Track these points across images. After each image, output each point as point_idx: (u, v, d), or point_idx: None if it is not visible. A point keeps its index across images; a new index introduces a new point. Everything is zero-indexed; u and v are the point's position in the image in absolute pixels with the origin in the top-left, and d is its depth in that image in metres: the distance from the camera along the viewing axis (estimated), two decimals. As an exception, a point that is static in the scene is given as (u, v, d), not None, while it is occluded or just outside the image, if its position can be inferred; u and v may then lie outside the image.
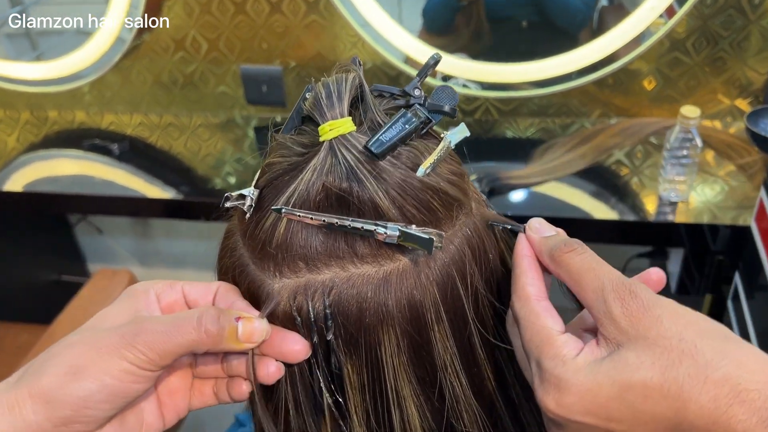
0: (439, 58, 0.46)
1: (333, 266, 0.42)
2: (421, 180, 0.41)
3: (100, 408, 0.38)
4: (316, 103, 0.42)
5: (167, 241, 2.09)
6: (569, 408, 0.37)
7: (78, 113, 1.82)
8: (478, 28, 1.64)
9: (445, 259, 0.43)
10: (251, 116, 1.73)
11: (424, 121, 0.43)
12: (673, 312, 0.36)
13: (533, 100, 1.55)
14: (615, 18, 1.54)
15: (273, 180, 0.43)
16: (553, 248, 0.41)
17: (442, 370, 0.44)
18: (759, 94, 1.42)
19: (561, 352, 0.38)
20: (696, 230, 1.26)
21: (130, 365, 0.38)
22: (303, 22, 1.54)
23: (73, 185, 1.60)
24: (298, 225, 0.42)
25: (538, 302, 0.40)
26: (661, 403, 0.34)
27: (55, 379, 0.37)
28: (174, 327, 0.39)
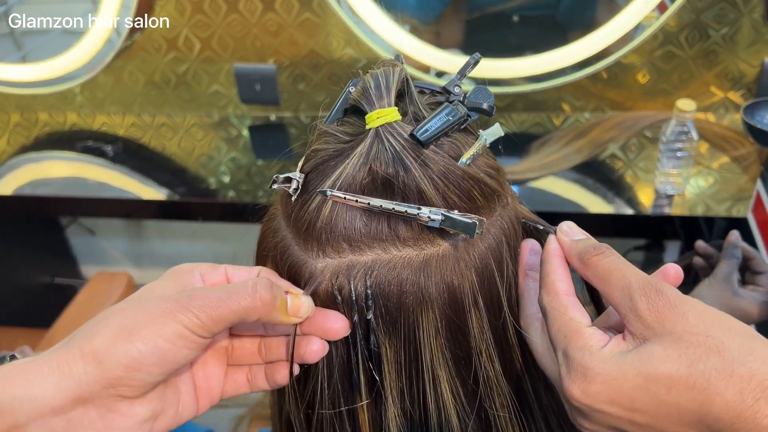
0: (479, 58, 0.48)
1: (375, 248, 0.43)
2: (463, 169, 0.43)
3: (149, 371, 0.38)
4: (364, 93, 0.44)
5: (161, 242, 2.08)
6: (594, 397, 0.37)
7: (69, 115, 1.81)
8: (470, 23, 1.64)
9: (483, 247, 0.45)
10: (245, 115, 1.72)
11: (465, 115, 0.45)
12: (699, 310, 0.37)
13: (528, 95, 1.55)
14: (608, 12, 1.54)
15: (319, 165, 0.45)
16: (582, 251, 0.42)
17: (477, 354, 0.45)
18: (751, 87, 1.43)
19: (588, 342, 0.39)
20: (692, 222, 1.27)
21: (184, 329, 0.38)
22: (296, 20, 1.54)
23: (65, 187, 1.58)
24: (343, 207, 0.43)
25: (567, 297, 0.42)
26: (686, 396, 0.35)
27: (107, 339, 0.37)
28: (228, 293, 0.40)
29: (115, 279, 1.55)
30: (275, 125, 1.69)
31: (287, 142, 1.65)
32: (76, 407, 0.37)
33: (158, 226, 2.04)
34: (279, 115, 1.71)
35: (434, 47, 1.54)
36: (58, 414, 0.37)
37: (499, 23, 1.62)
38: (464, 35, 1.66)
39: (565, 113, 1.56)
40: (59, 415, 0.37)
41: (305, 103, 1.67)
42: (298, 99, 1.67)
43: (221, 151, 1.61)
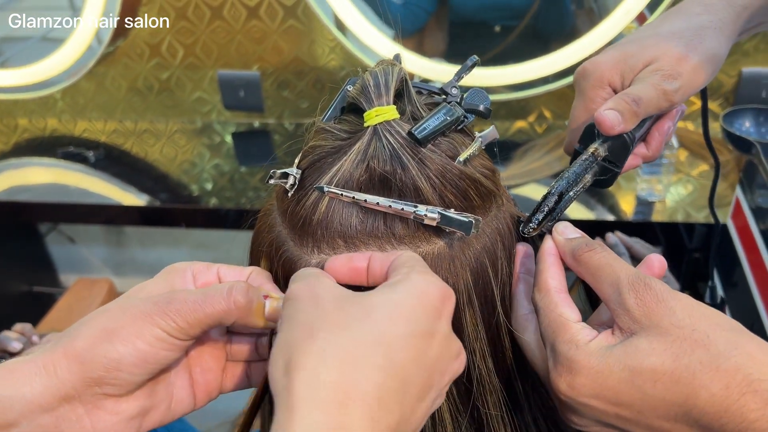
0: (477, 60, 0.49)
1: (371, 245, 0.43)
2: (459, 168, 0.44)
3: (130, 372, 0.39)
4: (363, 91, 0.44)
5: (142, 249, 2.06)
6: (580, 390, 0.38)
7: (50, 120, 1.79)
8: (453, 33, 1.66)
9: (479, 246, 0.45)
10: (228, 122, 1.72)
11: (462, 115, 0.45)
12: (686, 304, 0.37)
13: (510, 103, 1.56)
14: (588, 23, 1.56)
15: (316, 161, 0.45)
16: (575, 248, 0.43)
17: (471, 353, 0.45)
18: (729, 96, 1.46)
19: (575, 337, 0.39)
20: (673, 229, 1.28)
21: (162, 332, 0.39)
22: (281, 27, 1.54)
23: (45, 194, 1.56)
24: (340, 204, 0.43)
25: (558, 294, 0.42)
26: (672, 389, 0.35)
27: (88, 341, 0.38)
28: (205, 297, 0.40)
29: (96, 285, 1.53)
30: (259, 132, 1.69)
31: (271, 148, 1.64)
32: (63, 405, 0.38)
33: (139, 233, 2.02)
34: (263, 121, 1.70)
35: (418, 55, 1.55)
36: (46, 411, 0.37)
37: (481, 33, 1.64)
38: (447, 44, 1.68)
39: (548, 121, 1.58)
40: (47, 412, 0.38)
41: (289, 110, 1.67)
42: (282, 106, 1.66)
43: (204, 158, 1.60)
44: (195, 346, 0.45)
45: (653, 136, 0.55)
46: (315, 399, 0.32)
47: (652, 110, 0.51)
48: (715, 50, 0.53)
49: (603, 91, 0.53)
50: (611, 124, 0.49)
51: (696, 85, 0.53)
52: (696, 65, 0.52)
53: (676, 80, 0.51)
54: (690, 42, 0.52)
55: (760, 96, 1.42)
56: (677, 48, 0.52)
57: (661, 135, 0.55)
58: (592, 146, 0.50)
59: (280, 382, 0.33)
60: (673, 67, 0.51)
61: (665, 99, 0.51)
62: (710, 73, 0.53)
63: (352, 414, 0.32)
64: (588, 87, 0.54)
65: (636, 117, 0.50)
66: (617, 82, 0.53)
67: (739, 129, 1.32)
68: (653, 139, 0.55)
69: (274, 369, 0.34)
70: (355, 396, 0.32)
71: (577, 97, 0.55)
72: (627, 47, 0.54)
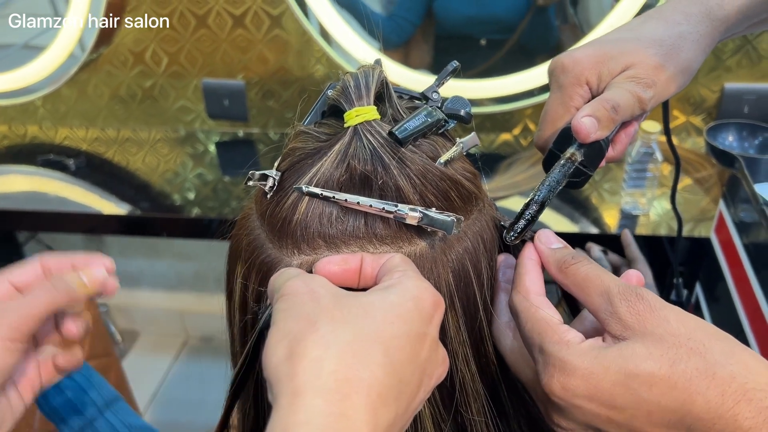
0: (457, 65, 0.49)
1: (352, 245, 0.43)
2: (440, 169, 0.44)
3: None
4: (343, 92, 0.44)
5: (122, 259, 2.03)
6: (573, 391, 0.37)
7: (30, 128, 1.77)
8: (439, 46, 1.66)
9: (461, 248, 0.45)
10: (212, 131, 1.70)
11: (442, 118, 0.45)
12: (680, 315, 0.37)
13: (496, 116, 1.57)
14: (572, 37, 1.58)
15: (295, 163, 0.45)
16: (560, 259, 0.43)
17: (453, 356, 0.44)
18: (712, 111, 1.47)
19: (565, 337, 0.39)
20: (656, 242, 1.28)
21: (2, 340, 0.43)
22: (266, 36, 1.53)
23: (24, 202, 1.54)
24: (320, 204, 0.43)
25: (538, 296, 0.42)
26: (668, 395, 0.35)
27: None
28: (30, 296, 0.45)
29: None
30: (243, 141, 1.68)
31: (255, 158, 1.63)
32: None
33: (120, 242, 2.00)
34: (247, 131, 1.69)
35: (404, 67, 1.55)
36: None
37: (467, 46, 1.64)
38: (433, 57, 1.68)
39: (533, 134, 1.58)
40: None
41: (274, 120, 1.66)
42: (267, 115, 1.66)
43: (187, 167, 1.59)
44: None
45: (620, 137, 0.55)
46: (319, 387, 0.32)
47: (627, 117, 0.52)
48: (689, 62, 0.54)
49: (581, 89, 0.53)
50: (587, 131, 0.49)
51: (667, 94, 0.54)
52: (670, 76, 0.53)
53: (650, 89, 0.52)
54: (668, 52, 0.53)
55: (743, 111, 1.44)
56: (656, 57, 0.53)
57: (627, 137, 0.55)
58: (569, 151, 0.50)
59: (281, 369, 0.34)
60: (649, 76, 0.52)
61: (640, 106, 0.52)
62: (681, 84, 0.55)
63: (354, 405, 0.32)
64: (567, 83, 0.54)
65: (613, 124, 0.50)
66: (594, 81, 0.53)
67: (723, 143, 1.33)
68: (620, 141, 0.55)
69: (272, 357, 0.34)
70: (359, 388, 0.33)
71: (553, 91, 0.55)
72: (607, 48, 0.54)
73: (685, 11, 0.56)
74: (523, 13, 1.58)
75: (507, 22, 1.59)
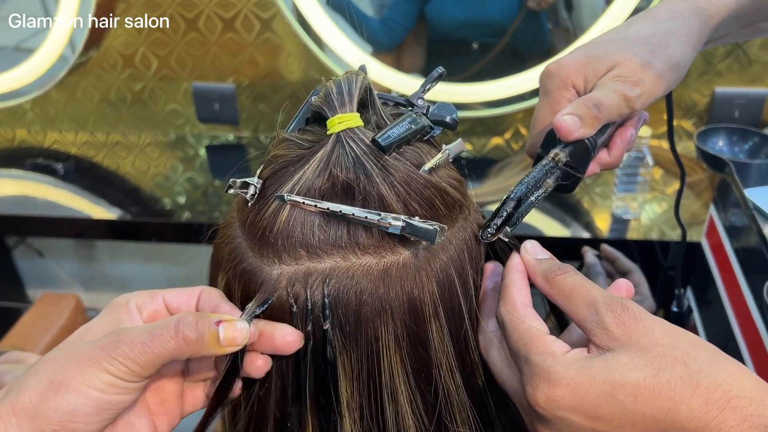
0: (443, 71, 0.49)
1: (334, 255, 0.42)
2: (425, 177, 0.43)
3: (87, 421, 0.37)
4: (326, 98, 0.44)
5: (112, 264, 2.02)
6: (559, 402, 0.37)
7: (19, 131, 1.75)
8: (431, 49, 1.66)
9: (445, 257, 0.44)
10: (202, 134, 1.69)
11: (427, 125, 0.45)
12: (664, 325, 0.37)
13: (487, 120, 1.56)
14: (564, 41, 1.57)
15: (277, 171, 0.44)
16: (547, 270, 0.42)
17: (438, 367, 0.44)
18: (702, 115, 1.48)
19: (550, 348, 0.38)
20: (647, 246, 1.28)
21: (113, 377, 0.37)
22: (257, 39, 1.53)
23: (12, 206, 1.53)
24: (301, 212, 0.42)
25: (525, 308, 0.41)
26: (652, 404, 0.35)
27: (36, 395, 0.37)
28: (152, 337, 0.38)
29: (63, 300, 1.49)
30: (233, 145, 1.67)
31: (246, 162, 1.63)
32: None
33: (110, 247, 1.98)
34: (237, 134, 1.68)
35: (396, 70, 1.55)
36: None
37: (459, 50, 1.64)
38: (425, 61, 1.68)
39: (524, 138, 1.58)
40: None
41: (265, 124, 1.65)
42: (258, 119, 1.65)
43: (177, 171, 1.58)
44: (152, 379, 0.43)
45: (615, 143, 0.54)
46: None
47: (613, 116, 0.51)
48: (678, 58, 0.53)
49: (567, 93, 0.53)
50: (569, 129, 0.48)
51: (657, 92, 0.52)
52: (659, 73, 0.52)
53: (637, 87, 0.51)
54: (655, 49, 0.52)
55: (733, 115, 1.44)
56: (641, 54, 0.52)
57: (623, 142, 0.55)
58: (553, 151, 0.50)
59: None
60: (635, 74, 0.51)
61: (627, 105, 0.51)
62: (673, 81, 0.54)
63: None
64: (552, 88, 0.53)
65: (597, 122, 0.50)
66: (580, 84, 0.53)
67: (713, 148, 1.33)
68: (615, 146, 0.54)
69: None
70: None
71: (541, 98, 0.55)
72: (592, 50, 0.54)
73: (671, 8, 0.56)
74: (515, 16, 1.58)
75: (499, 25, 1.59)
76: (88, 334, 0.41)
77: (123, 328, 0.40)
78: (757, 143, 1.33)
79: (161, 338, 0.38)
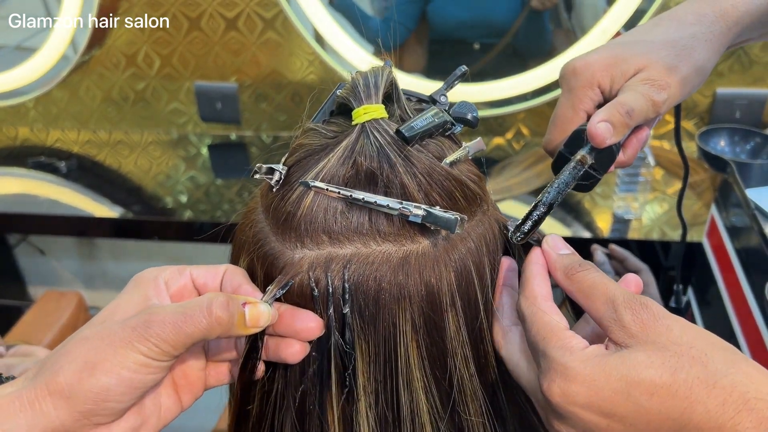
0: (466, 70, 0.50)
1: (355, 241, 0.43)
2: (446, 169, 0.44)
3: (119, 400, 0.38)
4: (353, 90, 0.45)
5: (114, 262, 2.02)
6: (573, 398, 0.37)
7: (21, 130, 1.76)
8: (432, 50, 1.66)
9: (463, 249, 0.45)
10: (205, 134, 1.70)
11: (449, 120, 0.46)
12: (683, 324, 0.37)
13: (488, 119, 1.57)
14: (565, 42, 1.58)
15: (302, 158, 0.45)
16: (568, 266, 0.43)
17: (453, 356, 0.44)
18: (704, 116, 1.48)
19: (569, 343, 0.39)
20: (648, 247, 1.28)
21: (145, 358, 0.38)
22: (259, 39, 1.53)
23: (14, 204, 1.53)
24: (325, 199, 0.43)
25: (546, 301, 0.42)
26: (668, 403, 0.35)
27: (72, 375, 0.38)
28: (184, 317, 0.39)
29: (64, 298, 1.49)
30: (235, 144, 1.67)
31: (247, 161, 1.63)
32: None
33: (111, 245, 1.99)
34: (239, 134, 1.69)
35: (398, 70, 1.55)
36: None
37: (460, 50, 1.64)
38: (426, 61, 1.68)
39: (525, 138, 1.58)
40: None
41: (267, 123, 1.66)
42: (260, 118, 1.65)
43: (179, 170, 1.58)
44: None
45: (631, 142, 0.54)
46: None
47: (641, 120, 0.51)
48: (702, 62, 0.53)
49: (591, 92, 0.53)
50: (603, 137, 0.49)
51: (681, 96, 0.53)
52: (684, 77, 0.52)
53: (664, 91, 0.51)
54: (681, 52, 0.52)
55: (734, 116, 1.44)
56: (668, 58, 0.52)
57: (639, 142, 0.55)
58: (580, 153, 0.50)
59: None
60: (663, 78, 0.51)
61: (654, 110, 0.51)
62: (696, 85, 0.54)
63: None
64: (577, 86, 0.53)
65: (627, 128, 0.50)
66: (606, 84, 0.53)
67: (715, 148, 1.33)
68: (631, 146, 0.54)
69: None
70: None
71: (563, 94, 0.55)
72: (618, 50, 0.53)
73: (698, 12, 0.56)
74: (517, 17, 1.58)
75: (501, 26, 1.59)
76: (116, 312, 0.41)
77: (153, 307, 0.41)
78: (759, 144, 1.33)
79: (193, 318, 0.39)
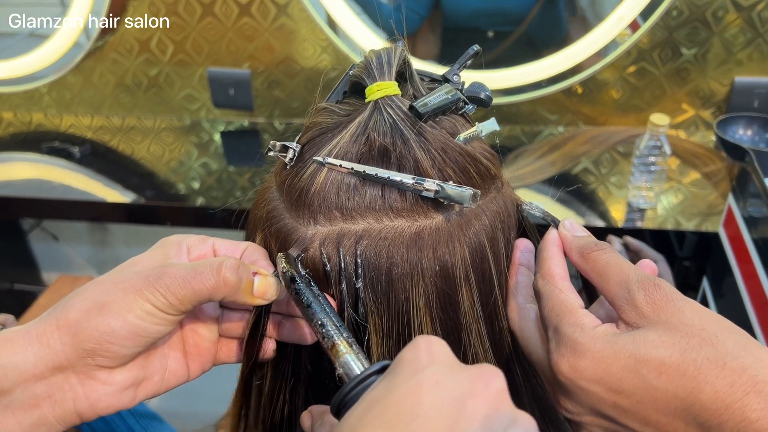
0: (478, 49, 0.50)
1: (368, 217, 0.43)
2: (460, 145, 0.44)
3: (122, 344, 0.39)
4: (366, 68, 0.45)
5: (126, 248, 2.03)
6: (582, 373, 0.38)
7: (35, 115, 1.76)
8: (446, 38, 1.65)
9: (477, 225, 0.45)
10: (217, 120, 1.70)
11: (462, 99, 0.46)
12: (695, 306, 0.37)
13: (503, 107, 1.55)
14: (579, 29, 1.56)
15: (316, 136, 0.45)
16: (583, 246, 0.43)
17: (467, 332, 0.45)
18: (722, 105, 1.46)
19: (581, 320, 0.39)
20: (663, 236, 1.27)
21: (152, 306, 0.39)
22: (272, 25, 1.52)
23: (28, 189, 1.54)
24: (338, 175, 0.43)
25: (562, 280, 0.43)
26: (676, 382, 0.35)
27: (80, 313, 0.39)
28: (194, 273, 0.40)
29: (78, 283, 1.50)
30: (248, 131, 1.67)
31: (260, 148, 1.63)
32: (56, 374, 0.39)
33: (124, 231, 1.99)
34: (252, 120, 1.68)
35: (411, 58, 1.54)
36: (39, 380, 0.39)
37: (474, 38, 1.63)
38: (440, 49, 1.67)
39: (540, 126, 1.57)
40: (41, 381, 0.39)
41: (280, 110, 1.65)
42: (273, 105, 1.65)
43: (192, 156, 1.58)
44: (189, 320, 0.46)
45: None
46: None
47: None
48: None
49: None
50: None
51: None
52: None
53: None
54: None
55: (752, 104, 1.42)
56: None
57: None
58: None
59: None
60: None
61: None
62: None
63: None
64: None
65: None
66: None
67: (733, 136, 1.31)
68: None
69: None
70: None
71: None
72: None
73: None
74: (532, 5, 1.56)
75: (515, 14, 1.58)
76: (136, 264, 0.42)
77: (169, 263, 0.42)
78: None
79: (202, 275, 0.40)
